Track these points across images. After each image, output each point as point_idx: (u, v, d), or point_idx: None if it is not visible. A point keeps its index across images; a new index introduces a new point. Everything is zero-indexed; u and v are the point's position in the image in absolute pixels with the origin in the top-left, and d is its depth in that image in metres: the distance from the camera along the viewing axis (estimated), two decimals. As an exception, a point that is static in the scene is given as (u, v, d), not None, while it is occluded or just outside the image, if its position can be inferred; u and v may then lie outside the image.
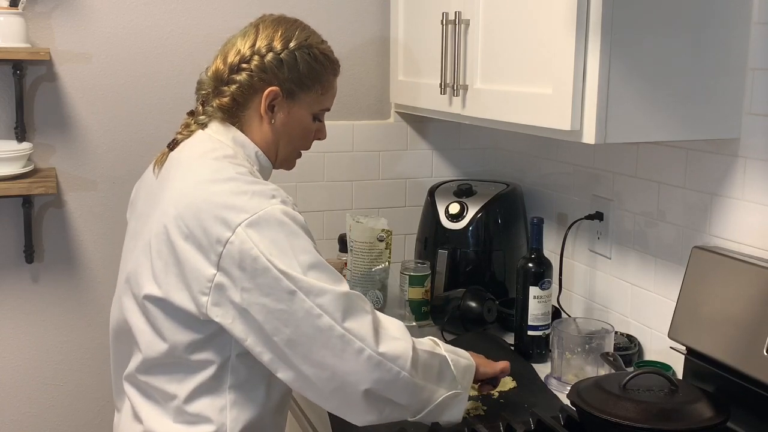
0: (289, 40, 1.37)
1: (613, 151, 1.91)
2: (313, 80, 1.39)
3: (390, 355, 1.22)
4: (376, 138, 2.33)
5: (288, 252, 1.20)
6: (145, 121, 2.12)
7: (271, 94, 1.36)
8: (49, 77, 2.03)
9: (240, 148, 1.37)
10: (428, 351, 1.30)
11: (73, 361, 2.16)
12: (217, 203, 1.22)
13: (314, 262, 1.22)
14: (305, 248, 1.22)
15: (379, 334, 1.23)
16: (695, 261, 1.57)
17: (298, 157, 1.49)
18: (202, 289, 1.21)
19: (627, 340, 1.82)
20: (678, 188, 1.71)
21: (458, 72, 1.81)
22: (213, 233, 1.20)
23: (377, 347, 1.21)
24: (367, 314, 1.23)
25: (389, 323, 1.28)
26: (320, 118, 1.45)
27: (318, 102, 1.42)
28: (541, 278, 1.82)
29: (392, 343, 1.24)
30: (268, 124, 1.38)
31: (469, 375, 1.37)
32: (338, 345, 1.20)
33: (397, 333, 1.26)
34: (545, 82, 1.52)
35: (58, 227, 2.10)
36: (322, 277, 1.22)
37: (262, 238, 1.19)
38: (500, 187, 2.22)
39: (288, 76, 1.36)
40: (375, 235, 2.12)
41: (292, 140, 1.42)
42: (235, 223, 1.19)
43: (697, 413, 1.32)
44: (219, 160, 1.30)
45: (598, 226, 1.96)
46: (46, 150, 2.05)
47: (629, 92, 1.43)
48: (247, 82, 1.35)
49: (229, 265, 1.19)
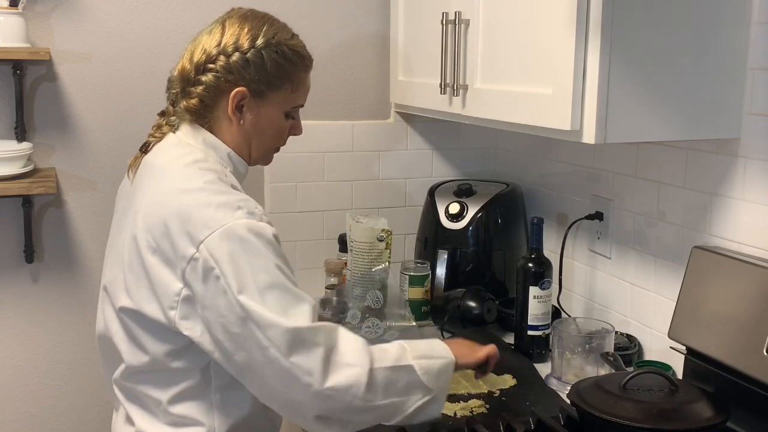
0: (255, 38, 1.32)
1: (613, 150, 1.91)
2: (282, 79, 1.35)
3: (339, 387, 1.20)
4: (376, 138, 2.33)
5: (246, 272, 1.18)
6: (145, 121, 2.11)
7: (238, 95, 1.33)
8: (49, 77, 2.03)
9: (211, 150, 1.35)
10: (390, 367, 1.25)
11: (73, 360, 2.16)
12: (183, 217, 1.21)
13: (272, 283, 1.19)
14: (265, 267, 1.20)
15: (330, 365, 1.20)
16: (695, 261, 1.57)
17: (275, 152, 1.46)
18: (170, 303, 1.22)
19: (627, 340, 1.82)
20: (678, 188, 1.71)
21: (458, 72, 1.81)
22: (179, 248, 1.20)
23: (324, 382, 1.19)
24: (317, 347, 1.19)
25: (347, 347, 1.23)
26: (293, 115, 1.41)
27: (289, 100, 1.37)
28: (541, 278, 1.82)
29: (343, 372, 1.20)
30: (237, 125, 1.35)
31: (446, 374, 1.32)
32: (286, 378, 1.19)
33: (352, 359, 1.22)
34: (545, 82, 1.52)
35: (58, 227, 2.10)
36: (278, 302, 1.19)
37: (222, 256, 1.18)
38: (500, 187, 2.22)
39: (255, 76, 1.32)
40: (375, 235, 2.12)
41: (265, 139, 1.39)
42: (199, 239, 1.19)
43: (697, 413, 1.32)
44: (188, 167, 1.29)
45: (598, 226, 1.96)
46: (46, 150, 2.05)
47: (629, 92, 1.43)
48: (213, 83, 1.33)
49: (194, 281, 1.20)
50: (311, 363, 1.19)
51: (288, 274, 1.24)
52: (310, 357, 1.19)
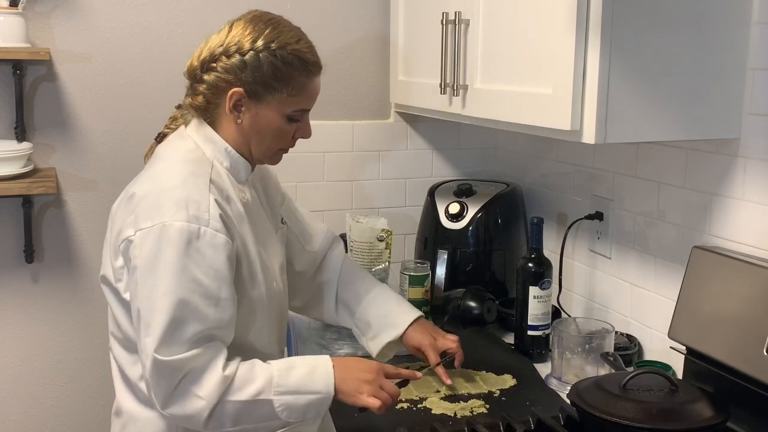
0: (255, 41, 1.35)
1: (613, 150, 1.91)
2: (280, 82, 1.35)
3: (179, 416, 1.28)
4: (376, 138, 2.33)
5: (156, 276, 1.25)
6: (144, 121, 2.12)
7: (234, 95, 1.36)
8: (49, 77, 2.03)
9: (210, 145, 1.39)
10: (245, 401, 1.29)
11: (73, 360, 2.16)
12: (141, 198, 1.30)
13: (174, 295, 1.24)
14: (176, 276, 1.24)
15: (175, 395, 1.27)
16: (695, 261, 1.57)
17: (282, 152, 1.47)
18: (116, 275, 1.35)
19: (627, 340, 1.82)
20: (678, 188, 1.71)
21: (458, 72, 1.81)
22: (125, 226, 1.30)
23: (165, 409, 1.28)
24: (168, 381, 1.26)
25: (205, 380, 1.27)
26: (297, 118, 1.41)
27: (288, 103, 1.38)
28: (541, 278, 1.82)
29: (187, 402, 1.27)
30: (235, 124, 1.38)
31: (315, 408, 1.34)
32: (148, 385, 1.29)
33: (203, 392, 1.27)
34: (545, 81, 1.51)
35: (58, 227, 2.10)
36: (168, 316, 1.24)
37: (144, 251, 1.26)
38: (500, 187, 2.22)
39: (251, 78, 1.35)
40: (375, 235, 2.11)
41: (264, 140, 1.40)
42: (138, 226, 1.28)
43: (697, 413, 1.32)
44: (175, 157, 1.37)
45: (598, 225, 1.96)
46: (46, 150, 2.05)
47: (629, 92, 1.43)
48: (214, 83, 1.37)
49: (126, 259, 1.31)
50: (159, 390, 1.27)
51: (203, 289, 1.26)
52: (161, 384, 1.27)
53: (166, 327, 1.25)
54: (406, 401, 1.60)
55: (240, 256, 1.35)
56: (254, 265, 1.39)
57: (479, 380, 1.70)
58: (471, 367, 1.76)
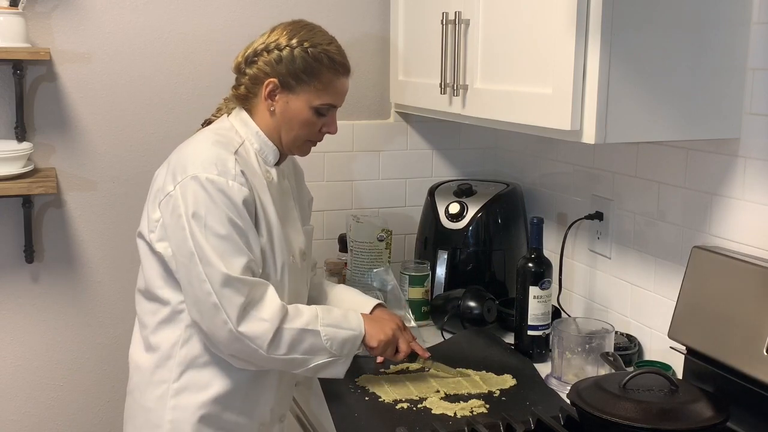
0: (291, 39, 1.53)
1: (613, 150, 1.91)
2: (309, 75, 1.52)
3: (248, 335, 1.42)
4: (376, 138, 2.33)
5: (201, 216, 1.42)
6: (145, 121, 2.12)
7: (270, 85, 1.53)
8: (49, 77, 2.03)
9: (243, 127, 1.57)
10: (299, 329, 1.46)
11: (73, 360, 2.16)
12: (178, 161, 1.48)
13: (219, 230, 1.42)
14: (217, 216, 1.42)
15: (246, 315, 1.42)
16: (695, 261, 1.57)
17: (312, 144, 1.61)
18: (151, 227, 1.50)
19: (627, 340, 1.82)
20: (678, 188, 1.71)
21: (458, 72, 1.81)
22: (166, 183, 1.47)
23: (238, 326, 1.41)
24: (240, 296, 1.41)
25: (266, 306, 1.43)
26: (324, 113, 1.56)
27: (317, 96, 1.54)
28: (541, 278, 1.82)
29: (255, 324, 1.42)
30: (268, 111, 1.55)
31: (351, 344, 1.52)
32: (212, 311, 1.41)
33: (266, 315, 1.43)
34: (545, 81, 1.52)
35: (58, 227, 2.10)
36: (220, 247, 1.41)
37: (188, 198, 1.43)
38: (500, 187, 2.22)
39: (285, 70, 1.52)
40: (375, 235, 2.12)
41: (293, 128, 1.55)
42: (177, 180, 1.45)
43: (697, 413, 1.33)
44: (211, 131, 1.55)
45: (598, 225, 1.96)
46: (46, 150, 2.05)
47: (629, 92, 1.43)
48: (254, 75, 1.55)
49: (165, 212, 1.46)
50: (231, 306, 1.41)
51: (238, 229, 1.43)
52: (233, 301, 1.41)
53: (221, 254, 1.41)
54: (405, 401, 1.60)
55: (258, 213, 1.49)
56: (272, 228, 1.51)
57: (479, 380, 1.70)
58: (471, 367, 1.77)
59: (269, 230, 1.51)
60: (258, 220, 1.49)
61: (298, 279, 1.61)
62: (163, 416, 1.51)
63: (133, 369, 1.58)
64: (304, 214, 1.72)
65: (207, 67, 2.15)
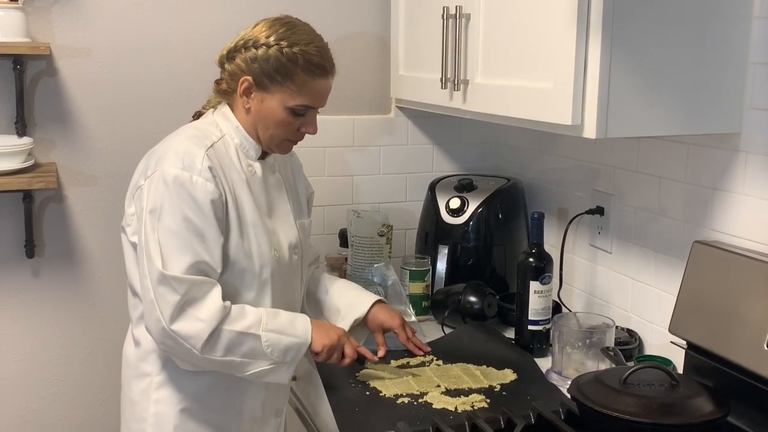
0: (268, 37, 1.50)
1: (614, 145, 1.90)
2: (283, 76, 1.49)
3: (181, 333, 1.40)
4: (376, 133, 2.33)
5: (156, 211, 1.42)
6: (145, 116, 2.12)
7: (245, 83, 1.51)
8: (50, 72, 2.03)
9: (225, 122, 1.56)
10: (238, 331, 1.43)
11: (74, 355, 2.16)
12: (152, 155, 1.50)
13: (170, 227, 1.41)
14: (171, 212, 1.41)
15: (182, 314, 1.40)
16: (696, 255, 1.57)
17: (291, 143, 1.58)
18: (127, 220, 1.52)
19: (627, 335, 1.82)
20: (679, 183, 1.70)
21: (459, 66, 1.81)
22: (138, 177, 1.50)
23: (171, 324, 1.40)
24: (174, 294, 1.39)
25: (205, 306, 1.41)
26: (300, 113, 1.53)
27: (291, 97, 1.50)
28: (542, 273, 1.82)
29: (190, 323, 1.40)
30: (244, 108, 1.54)
31: (294, 352, 1.49)
32: (149, 306, 1.42)
33: (203, 315, 1.41)
34: (546, 76, 1.51)
35: (59, 222, 2.10)
36: (166, 244, 1.41)
37: (150, 192, 1.44)
38: (501, 182, 2.22)
39: (259, 69, 1.50)
40: (376, 230, 2.12)
41: (268, 126, 1.53)
42: (147, 175, 1.46)
43: (697, 408, 1.33)
44: (191, 126, 1.56)
45: (599, 220, 1.96)
46: (47, 145, 2.05)
47: (630, 87, 1.43)
48: (232, 71, 1.53)
49: (138, 206, 1.48)
50: (166, 304, 1.40)
51: (192, 226, 1.42)
52: (167, 299, 1.40)
53: (165, 252, 1.41)
54: (406, 396, 1.60)
55: (230, 211, 1.48)
56: (248, 226, 1.50)
57: (480, 375, 1.71)
58: (472, 362, 1.77)
59: (243, 228, 1.49)
60: (229, 218, 1.47)
61: (288, 274, 1.59)
62: (147, 409, 1.52)
63: (124, 362, 1.60)
64: (300, 208, 1.70)
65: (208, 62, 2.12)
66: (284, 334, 1.48)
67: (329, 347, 1.53)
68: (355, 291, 1.79)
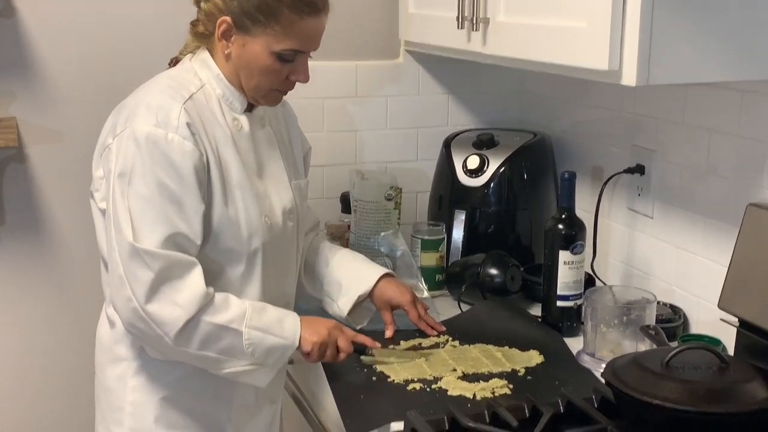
0: None
1: (656, 94, 1.89)
2: (266, 16, 1.45)
3: (155, 317, 1.39)
4: (382, 81, 2.32)
5: (126, 176, 1.40)
6: (116, 65, 2.11)
7: (223, 25, 1.48)
8: (7, 12, 2.02)
9: (206, 70, 1.53)
10: (218, 324, 1.42)
11: (41, 327, 2.18)
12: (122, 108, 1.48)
13: (143, 194, 1.39)
14: (144, 178, 1.39)
15: (157, 294, 1.38)
16: (750, 220, 1.56)
17: (280, 94, 1.57)
18: (95, 185, 1.50)
19: (671, 311, 1.83)
20: (731, 136, 1.70)
21: (478, 3, 1.79)
22: (107, 136, 1.48)
23: (145, 303, 1.38)
24: (148, 272, 1.37)
25: (184, 289, 1.39)
26: (289, 59, 1.50)
27: (276, 41, 1.47)
28: (573, 241, 1.83)
29: (166, 307, 1.39)
30: (224, 54, 1.51)
31: (278, 354, 1.49)
32: (117, 283, 1.41)
33: (181, 300, 1.39)
34: (579, 13, 1.50)
35: (21, 185, 2.11)
36: (138, 214, 1.39)
37: (119, 153, 1.42)
38: (526, 137, 2.21)
39: (239, 8, 1.46)
40: (382, 193, 2.11)
41: (252, 75, 1.51)
42: (116, 133, 1.44)
43: (749, 394, 1.33)
44: (166, 74, 1.55)
45: (639, 180, 1.95)
46: (6, 97, 2.05)
47: (676, 25, 1.41)
48: (209, 11, 1.50)
49: (106, 168, 1.46)
50: (138, 282, 1.38)
51: (168, 193, 1.40)
52: (138, 276, 1.38)
53: (136, 222, 1.39)
54: (418, 381, 1.61)
55: (212, 173, 1.46)
56: (235, 190, 1.49)
57: (501, 357, 1.71)
58: (492, 343, 1.77)
59: (228, 192, 1.48)
60: (212, 181, 1.45)
61: (282, 244, 1.59)
62: (124, 398, 1.53)
63: (97, 346, 1.60)
64: (295, 166, 1.70)
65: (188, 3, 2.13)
66: (269, 333, 1.47)
67: (320, 344, 1.52)
68: (360, 263, 1.79)
